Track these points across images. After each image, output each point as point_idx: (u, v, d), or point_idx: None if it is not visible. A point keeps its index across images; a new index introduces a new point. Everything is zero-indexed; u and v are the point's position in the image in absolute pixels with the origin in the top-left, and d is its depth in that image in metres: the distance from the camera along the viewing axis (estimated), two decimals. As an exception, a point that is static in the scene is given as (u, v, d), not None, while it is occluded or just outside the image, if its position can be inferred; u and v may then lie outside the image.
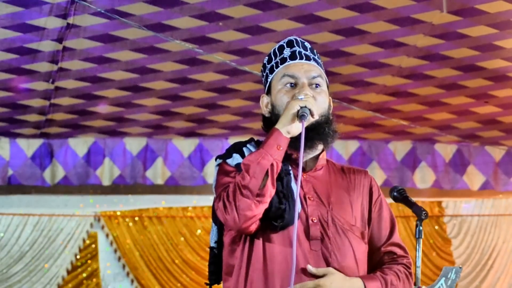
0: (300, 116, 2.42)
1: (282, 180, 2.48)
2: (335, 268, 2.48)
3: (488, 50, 5.36)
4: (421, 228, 2.62)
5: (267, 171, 2.39)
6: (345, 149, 7.25)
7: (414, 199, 2.74)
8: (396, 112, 6.59)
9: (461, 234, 8.08)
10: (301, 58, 2.60)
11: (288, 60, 2.60)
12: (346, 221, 2.54)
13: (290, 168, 2.54)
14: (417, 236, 2.61)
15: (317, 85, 2.59)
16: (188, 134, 7.08)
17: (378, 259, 2.61)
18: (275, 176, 2.42)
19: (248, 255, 2.51)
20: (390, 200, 2.76)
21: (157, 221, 7.82)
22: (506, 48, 5.32)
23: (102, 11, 4.79)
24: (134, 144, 7.10)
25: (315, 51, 2.67)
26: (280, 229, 2.46)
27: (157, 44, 5.28)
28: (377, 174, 7.21)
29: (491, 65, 5.62)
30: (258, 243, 2.50)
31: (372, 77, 5.89)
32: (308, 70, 2.59)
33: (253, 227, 2.46)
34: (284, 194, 2.46)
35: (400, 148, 7.35)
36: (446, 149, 7.39)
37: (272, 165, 2.40)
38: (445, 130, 7.02)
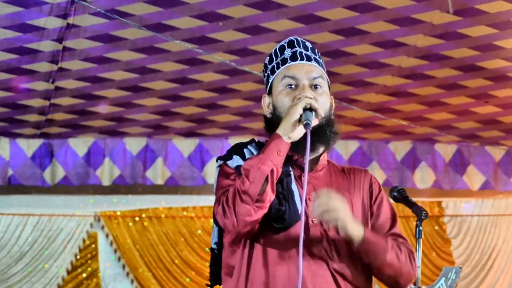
0: (304, 124, 2.42)
1: (282, 182, 2.48)
2: (335, 269, 2.48)
3: (488, 50, 5.36)
4: (421, 228, 2.62)
5: (267, 177, 2.40)
6: (345, 149, 7.25)
7: (414, 199, 2.74)
8: (396, 112, 6.60)
9: (461, 234, 8.08)
10: (301, 59, 2.60)
11: (289, 61, 2.60)
12: None
13: (290, 169, 2.54)
14: (417, 236, 2.61)
15: (318, 86, 2.58)
16: (188, 134, 7.08)
17: None
18: (275, 182, 2.42)
19: (249, 256, 2.50)
20: (390, 200, 2.76)
21: (157, 221, 7.82)
22: (506, 48, 5.33)
23: (102, 11, 4.79)
24: (134, 144, 7.10)
25: (316, 50, 2.67)
26: (281, 230, 2.46)
27: (157, 44, 5.28)
28: (377, 174, 7.20)
29: (491, 65, 5.62)
30: (259, 244, 2.50)
31: (372, 77, 5.89)
32: (309, 71, 2.58)
33: (252, 231, 2.46)
34: (284, 195, 2.46)
35: (400, 148, 7.35)
36: (446, 149, 7.39)
37: (272, 170, 2.40)
38: (445, 130, 7.02)
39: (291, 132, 2.43)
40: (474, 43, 5.25)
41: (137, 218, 7.81)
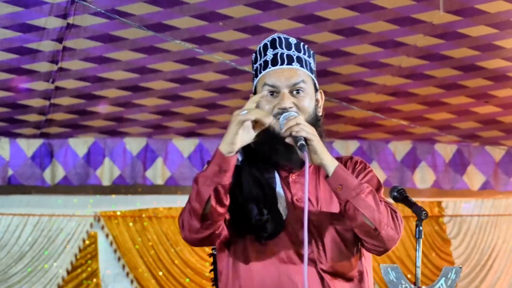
0: (299, 147, 2.37)
1: (263, 189, 2.45)
2: (323, 269, 2.46)
3: (488, 50, 5.36)
4: (421, 228, 2.61)
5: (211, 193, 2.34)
6: (345, 149, 7.26)
7: (414, 199, 2.73)
8: (396, 112, 6.60)
9: (461, 234, 8.08)
10: (282, 63, 2.54)
11: (269, 65, 2.55)
12: (334, 216, 2.51)
13: (275, 174, 2.51)
14: (417, 236, 2.60)
15: (300, 91, 2.54)
16: (188, 134, 7.09)
17: None
18: (222, 197, 2.33)
19: (236, 261, 2.48)
20: (390, 200, 2.75)
21: (157, 221, 7.82)
22: (506, 48, 5.33)
23: (102, 11, 4.79)
24: (134, 144, 7.11)
25: (302, 45, 2.61)
26: (266, 239, 2.44)
27: (157, 44, 5.28)
28: (377, 174, 7.19)
29: (491, 65, 5.62)
30: (246, 250, 2.47)
31: (372, 77, 5.89)
32: (289, 77, 2.53)
33: (215, 240, 2.43)
34: (264, 204, 2.43)
35: (400, 148, 7.36)
36: (446, 149, 7.39)
37: (216, 188, 2.34)
38: (445, 130, 7.03)
39: (231, 149, 2.33)
40: (474, 43, 5.25)
41: (137, 218, 7.81)
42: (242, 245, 2.47)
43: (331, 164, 2.41)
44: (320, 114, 2.58)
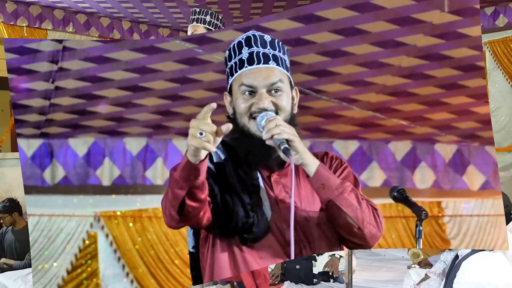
0: (284, 151, 2.37)
1: (249, 191, 2.45)
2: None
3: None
4: (421, 228, 2.62)
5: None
6: (345, 149, 7.25)
7: (414, 199, 2.73)
8: (396, 112, 6.60)
9: (461, 234, 8.08)
10: (258, 62, 2.55)
11: (245, 64, 2.56)
12: (318, 214, 2.51)
13: (258, 175, 2.51)
14: (417, 236, 2.61)
15: (277, 90, 2.54)
16: (188, 134, 7.07)
17: None
18: (197, 195, 2.34)
19: (221, 260, 2.48)
20: (390, 200, 2.75)
21: (157, 221, 7.82)
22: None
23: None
24: (134, 144, 7.10)
25: (276, 41, 2.62)
26: (251, 242, 2.44)
27: (157, 44, 5.28)
28: (377, 174, 7.20)
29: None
30: (232, 250, 2.47)
31: (372, 77, 5.89)
32: (266, 77, 2.54)
33: (200, 224, 2.44)
34: (252, 206, 2.43)
35: (400, 148, 7.35)
36: (446, 149, 7.39)
37: (189, 190, 2.31)
38: (445, 130, 7.02)
39: (196, 159, 2.31)
40: (474, 42, 5.25)
41: (137, 218, 7.81)
42: (231, 243, 2.47)
43: (312, 164, 2.42)
44: (295, 111, 2.59)
